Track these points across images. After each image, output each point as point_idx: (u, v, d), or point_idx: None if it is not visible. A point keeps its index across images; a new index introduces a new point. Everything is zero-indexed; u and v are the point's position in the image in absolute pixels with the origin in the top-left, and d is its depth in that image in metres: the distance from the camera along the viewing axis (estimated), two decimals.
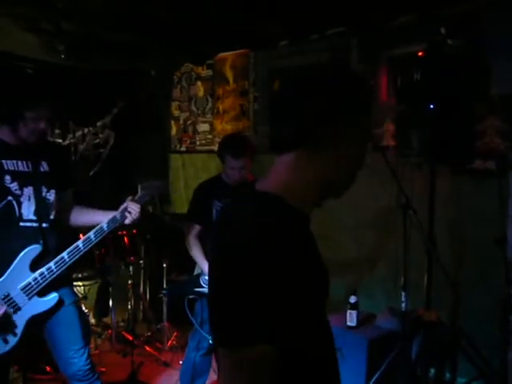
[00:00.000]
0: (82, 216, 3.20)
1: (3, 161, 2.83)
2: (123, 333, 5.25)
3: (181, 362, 4.10)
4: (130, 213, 3.04)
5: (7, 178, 2.82)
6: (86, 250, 2.94)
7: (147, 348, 5.05)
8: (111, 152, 6.56)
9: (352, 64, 4.76)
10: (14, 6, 4.38)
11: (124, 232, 5.24)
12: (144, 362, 4.71)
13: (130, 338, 4.90)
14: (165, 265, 5.22)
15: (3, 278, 2.81)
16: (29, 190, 2.88)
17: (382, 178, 4.05)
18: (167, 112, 6.63)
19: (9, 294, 2.80)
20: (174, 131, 6.63)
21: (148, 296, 5.77)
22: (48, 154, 3.02)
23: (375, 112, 1.41)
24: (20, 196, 2.85)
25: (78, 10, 4.53)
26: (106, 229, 3.00)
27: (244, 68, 5.86)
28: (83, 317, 3.21)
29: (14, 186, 2.83)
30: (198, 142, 6.37)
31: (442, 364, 3.83)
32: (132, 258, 5.29)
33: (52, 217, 2.99)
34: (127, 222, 3.06)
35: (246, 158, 3.56)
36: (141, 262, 5.51)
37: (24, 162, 2.89)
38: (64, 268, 2.89)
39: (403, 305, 3.74)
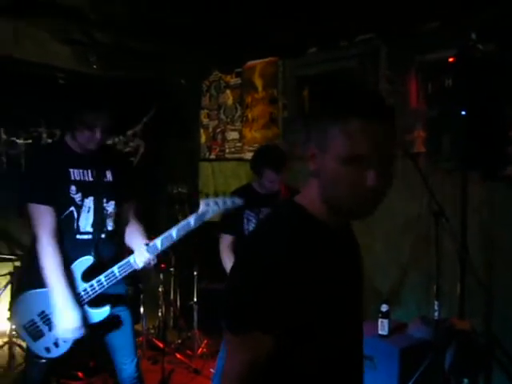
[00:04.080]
0: (128, 238, 3.10)
1: (70, 170, 2.84)
2: (154, 340, 5.27)
3: (212, 370, 4.10)
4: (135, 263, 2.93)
5: (73, 188, 2.83)
6: (134, 268, 2.90)
7: (178, 355, 5.06)
8: (141, 160, 6.62)
9: (381, 70, 4.74)
10: (50, 20, 4.47)
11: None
12: (174, 369, 4.73)
13: (161, 346, 4.91)
14: (195, 272, 5.24)
15: None
16: (89, 201, 2.88)
17: (413, 184, 4.02)
18: (196, 120, 6.67)
19: None
20: (203, 139, 6.67)
21: (179, 303, 5.80)
22: (112, 163, 3.01)
23: (405, 118, 1.42)
24: (81, 207, 2.85)
25: (109, 21, 4.61)
26: (134, 266, 2.91)
27: (273, 76, 5.87)
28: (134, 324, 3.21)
29: (77, 197, 2.84)
30: (227, 150, 6.39)
31: (475, 374, 3.76)
32: (163, 266, 5.31)
33: (110, 228, 2.98)
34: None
35: (285, 170, 3.55)
36: (171, 269, 5.53)
37: (89, 171, 2.89)
38: (114, 281, 2.87)
39: (436, 313, 3.69)
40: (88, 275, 2.86)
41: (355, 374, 1.52)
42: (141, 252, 2.89)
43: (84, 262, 2.85)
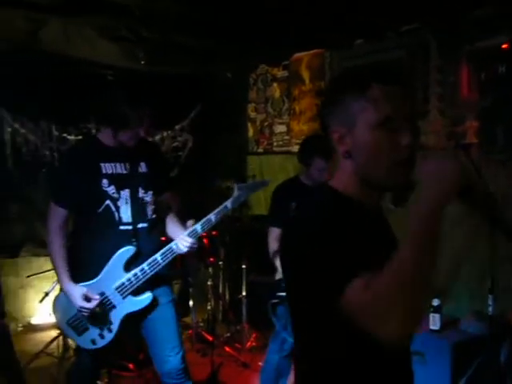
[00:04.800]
0: (168, 226, 3.19)
1: (101, 164, 2.89)
2: (203, 333, 5.31)
3: (260, 364, 4.09)
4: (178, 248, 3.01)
5: (104, 181, 2.88)
6: (179, 251, 2.98)
7: (227, 348, 5.08)
8: (189, 155, 6.67)
9: (431, 61, 4.63)
10: (99, 18, 4.53)
11: (204, 233, 5.29)
12: (223, 362, 4.74)
13: (210, 339, 4.95)
14: (244, 266, 5.25)
15: (98, 277, 2.91)
16: (126, 193, 2.93)
17: None
18: (244, 114, 6.67)
19: (104, 293, 2.91)
20: (250, 133, 6.66)
21: (227, 297, 5.82)
22: (146, 155, 3.06)
23: (456, 109, 1.43)
24: (117, 199, 2.90)
25: (156, 18, 4.63)
26: (175, 250, 3.00)
27: (320, 68, 5.82)
28: (179, 316, 3.25)
29: (111, 190, 2.89)
30: (274, 144, 6.38)
31: None
32: (212, 259, 5.34)
33: (149, 216, 3.03)
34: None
35: (331, 161, 3.52)
36: (220, 263, 5.56)
37: (122, 164, 2.94)
38: (157, 269, 2.93)
39: (490, 308, 3.60)
40: (130, 265, 2.92)
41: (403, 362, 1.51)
42: (183, 237, 2.97)
43: (125, 252, 2.91)
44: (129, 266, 2.92)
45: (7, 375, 4.06)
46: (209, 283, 5.41)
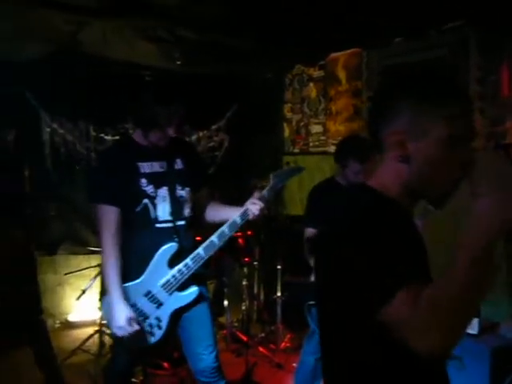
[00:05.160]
0: (215, 211, 3.21)
1: (139, 163, 2.91)
2: (237, 333, 5.31)
3: (294, 365, 4.08)
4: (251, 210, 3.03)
5: (143, 181, 2.89)
6: (220, 244, 2.98)
7: (261, 349, 5.08)
8: (226, 155, 6.68)
9: (471, 59, 4.55)
10: (135, 19, 4.57)
11: (239, 233, 5.30)
12: (257, 362, 4.73)
13: (244, 339, 4.95)
14: (279, 266, 5.23)
15: (143, 277, 2.91)
16: (163, 191, 2.94)
17: None
18: (280, 114, 6.65)
19: (150, 291, 2.92)
20: (286, 133, 6.64)
21: (262, 297, 5.82)
22: (181, 151, 3.07)
23: (496, 108, 1.43)
24: (155, 198, 2.91)
25: (192, 18, 4.65)
26: (238, 222, 3.01)
27: (357, 67, 5.76)
28: (213, 316, 3.25)
29: (149, 189, 2.90)
30: (311, 144, 6.34)
31: None
32: (247, 259, 5.34)
33: (187, 214, 3.03)
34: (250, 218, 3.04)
35: (370, 161, 3.47)
36: (255, 263, 5.56)
37: (159, 163, 2.95)
38: (201, 263, 2.95)
39: None
40: (174, 261, 2.93)
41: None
42: (254, 201, 3.03)
43: (169, 249, 2.91)
44: (172, 262, 2.93)
45: (45, 371, 4.12)
46: (244, 283, 5.41)
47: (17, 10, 4.27)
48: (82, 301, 5.29)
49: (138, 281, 2.92)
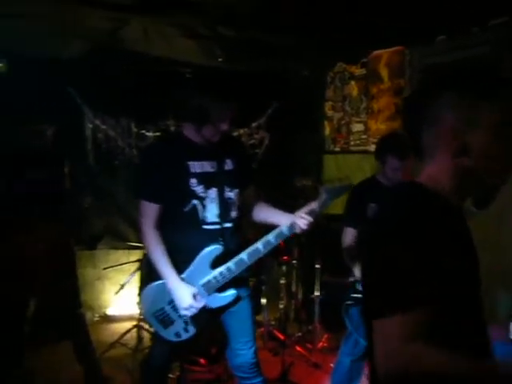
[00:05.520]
0: (263, 213, 3.18)
1: (190, 163, 2.88)
2: (275, 331, 5.29)
3: (331, 365, 4.04)
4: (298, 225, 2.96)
5: (193, 181, 2.87)
6: (265, 252, 2.95)
7: (298, 348, 5.05)
8: (266, 152, 6.66)
9: None
10: (176, 16, 4.59)
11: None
12: (294, 361, 4.71)
13: (282, 338, 4.93)
14: (318, 266, 5.19)
15: (185, 274, 2.92)
16: (213, 192, 2.91)
17: None
18: (321, 112, 6.61)
19: None
20: (327, 131, 6.59)
21: (300, 296, 5.78)
22: (232, 151, 3.03)
23: None
24: (204, 198, 2.89)
25: (232, 15, 4.65)
26: (286, 232, 2.97)
27: (399, 65, 5.67)
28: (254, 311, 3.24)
29: (199, 189, 2.88)
30: (352, 143, 6.28)
31: None
32: (285, 258, 5.31)
33: (234, 215, 3.01)
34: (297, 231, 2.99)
35: (409, 159, 3.42)
36: (294, 261, 5.52)
37: (209, 162, 2.92)
38: (243, 268, 2.93)
39: None
40: (217, 263, 2.92)
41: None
42: (302, 215, 2.93)
43: (213, 250, 2.90)
44: (215, 264, 2.92)
45: (84, 364, 4.18)
46: (282, 282, 5.39)
47: (59, 9, 4.34)
48: (121, 295, 5.35)
49: (180, 277, 2.92)
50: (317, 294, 5.17)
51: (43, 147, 3.98)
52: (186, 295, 2.85)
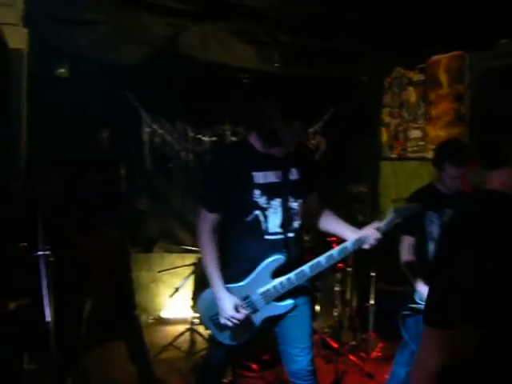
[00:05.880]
0: (330, 224, 3.15)
1: (254, 173, 2.85)
2: (328, 339, 5.23)
3: (386, 377, 3.96)
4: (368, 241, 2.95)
5: (256, 192, 2.84)
6: (327, 266, 2.92)
7: (351, 357, 4.97)
8: (322, 158, 6.61)
9: None
10: (235, 22, 4.62)
11: (333, 238, 5.22)
12: (347, 370, 4.65)
13: (335, 346, 4.87)
14: (373, 274, 5.12)
15: (245, 281, 2.92)
16: (276, 202, 2.88)
17: None
18: (378, 118, 6.53)
19: (249, 296, 2.92)
20: (384, 138, 6.50)
21: (355, 304, 5.71)
22: (298, 159, 2.97)
23: None
24: (267, 209, 2.86)
25: (291, 21, 4.65)
26: (350, 249, 2.95)
27: (459, 71, 5.55)
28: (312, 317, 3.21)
29: (262, 201, 2.85)
30: (409, 149, 6.17)
31: None
32: (340, 265, 5.25)
33: (297, 225, 2.98)
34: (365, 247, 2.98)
35: (468, 167, 3.34)
36: (349, 269, 5.46)
37: (274, 173, 2.88)
38: (303, 280, 2.90)
39: None
40: (278, 272, 2.89)
41: None
42: (371, 232, 2.93)
43: (275, 261, 2.88)
44: (276, 273, 2.90)
45: (137, 365, 4.22)
46: (336, 289, 5.33)
47: (119, 14, 4.43)
48: (175, 298, 5.39)
49: (239, 284, 2.93)
50: (372, 302, 5.09)
51: (100, 149, 4.05)
52: (227, 305, 2.84)
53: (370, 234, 2.93)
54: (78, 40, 4.70)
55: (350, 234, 2.98)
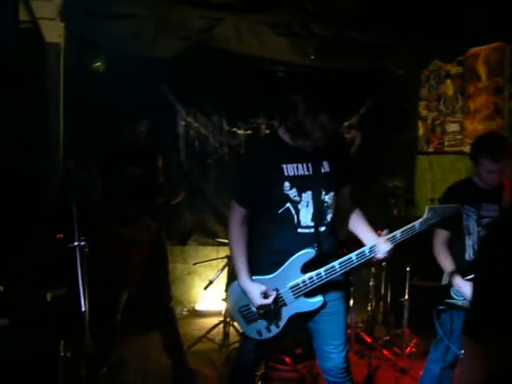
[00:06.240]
0: (355, 226, 3.10)
1: (284, 165, 2.84)
2: (362, 334, 5.19)
3: (420, 373, 3.91)
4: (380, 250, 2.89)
5: (286, 184, 2.83)
6: (358, 263, 2.87)
7: (385, 352, 4.93)
8: (358, 152, 6.56)
9: None
10: (270, 14, 4.60)
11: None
12: (380, 365, 4.62)
13: (369, 340, 4.84)
14: (408, 268, 5.06)
15: (275, 274, 2.90)
16: (307, 195, 2.85)
17: None
18: (415, 112, 6.46)
19: (277, 290, 2.89)
20: (421, 131, 6.44)
21: (389, 299, 5.66)
22: (330, 152, 2.93)
23: None
24: (298, 202, 2.85)
25: (327, 13, 4.61)
26: (367, 254, 2.89)
27: (498, 63, 5.46)
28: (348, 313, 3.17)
29: (292, 193, 2.84)
30: (446, 143, 6.10)
31: None
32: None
33: (329, 219, 2.94)
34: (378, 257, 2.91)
35: (506, 161, 3.26)
36: (383, 263, 5.41)
37: (305, 165, 2.87)
38: (333, 276, 2.86)
39: None
40: (308, 267, 2.86)
41: None
42: (381, 242, 2.87)
43: (306, 254, 2.85)
44: (306, 268, 2.87)
45: (172, 356, 4.26)
46: (371, 283, 5.29)
47: (155, 7, 4.45)
48: (209, 291, 5.42)
49: (268, 276, 2.91)
50: (406, 297, 5.04)
51: (138, 143, 4.09)
52: (256, 295, 2.85)
53: (383, 244, 2.87)
54: (114, 34, 4.73)
55: (369, 240, 2.94)
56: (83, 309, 2.92)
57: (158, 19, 4.59)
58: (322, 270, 2.84)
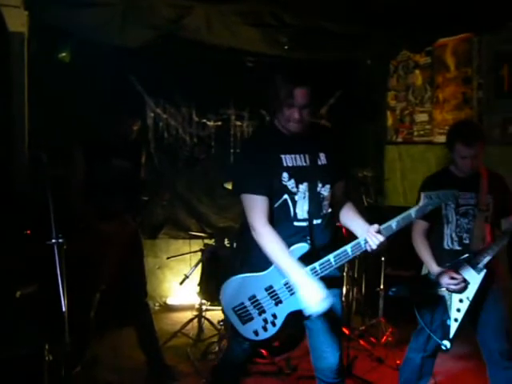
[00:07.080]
0: (347, 219, 3.01)
1: (282, 156, 2.78)
2: None
3: (397, 362, 3.92)
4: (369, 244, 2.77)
5: (285, 175, 2.76)
6: (353, 256, 2.79)
7: (361, 342, 4.95)
8: None
9: None
10: (241, 4, 4.54)
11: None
12: (357, 356, 4.60)
13: (346, 332, 4.84)
14: (383, 258, 5.08)
15: (268, 271, 2.79)
16: (304, 187, 2.79)
17: None
18: (383, 102, 6.47)
19: (272, 287, 2.79)
20: (390, 122, 6.46)
21: (364, 289, 5.67)
22: (326, 145, 2.90)
23: None
24: (295, 194, 2.78)
25: (299, 3, 4.58)
26: (363, 247, 2.78)
27: (466, 53, 5.53)
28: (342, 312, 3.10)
29: (290, 184, 2.77)
30: (415, 133, 6.14)
31: None
32: None
33: (325, 212, 2.88)
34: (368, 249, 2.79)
35: (479, 146, 3.29)
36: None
37: (302, 156, 2.81)
38: (328, 270, 2.77)
39: None
40: (302, 262, 2.75)
41: None
42: (373, 234, 2.74)
43: (299, 249, 2.76)
44: (302, 262, 2.75)
45: (147, 352, 4.20)
46: (344, 273, 5.28)
47: None
48: (184, 285, 5.34)
49: (261, 273, 2.81)
50: (381, 287, 5.06)
51: (127, 137, 4.00)
52: (313, 291, 2.65)
53: (373, 237, 2.74)
54: (79, 23, 4.59)
55: (361, 232, 2.82)
56: (63, 309, 2.82)
57: (126, 7, 4.47)
58: (316, 265, 2.76)
